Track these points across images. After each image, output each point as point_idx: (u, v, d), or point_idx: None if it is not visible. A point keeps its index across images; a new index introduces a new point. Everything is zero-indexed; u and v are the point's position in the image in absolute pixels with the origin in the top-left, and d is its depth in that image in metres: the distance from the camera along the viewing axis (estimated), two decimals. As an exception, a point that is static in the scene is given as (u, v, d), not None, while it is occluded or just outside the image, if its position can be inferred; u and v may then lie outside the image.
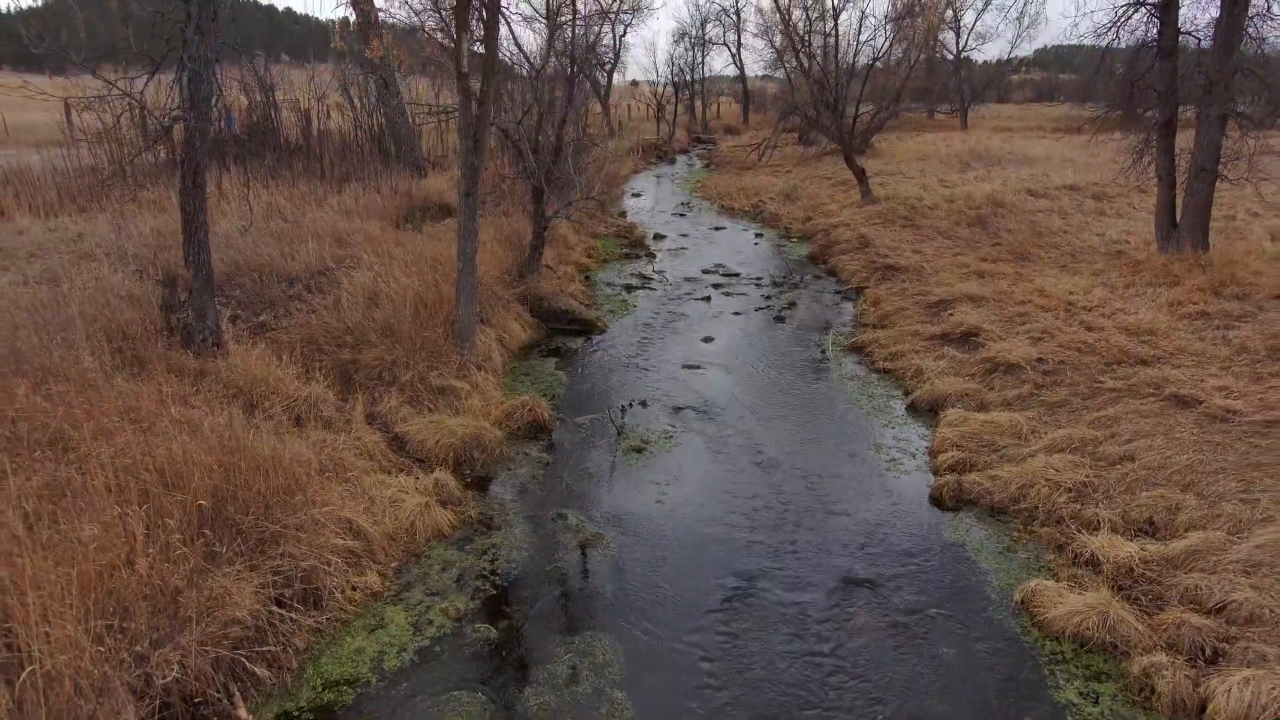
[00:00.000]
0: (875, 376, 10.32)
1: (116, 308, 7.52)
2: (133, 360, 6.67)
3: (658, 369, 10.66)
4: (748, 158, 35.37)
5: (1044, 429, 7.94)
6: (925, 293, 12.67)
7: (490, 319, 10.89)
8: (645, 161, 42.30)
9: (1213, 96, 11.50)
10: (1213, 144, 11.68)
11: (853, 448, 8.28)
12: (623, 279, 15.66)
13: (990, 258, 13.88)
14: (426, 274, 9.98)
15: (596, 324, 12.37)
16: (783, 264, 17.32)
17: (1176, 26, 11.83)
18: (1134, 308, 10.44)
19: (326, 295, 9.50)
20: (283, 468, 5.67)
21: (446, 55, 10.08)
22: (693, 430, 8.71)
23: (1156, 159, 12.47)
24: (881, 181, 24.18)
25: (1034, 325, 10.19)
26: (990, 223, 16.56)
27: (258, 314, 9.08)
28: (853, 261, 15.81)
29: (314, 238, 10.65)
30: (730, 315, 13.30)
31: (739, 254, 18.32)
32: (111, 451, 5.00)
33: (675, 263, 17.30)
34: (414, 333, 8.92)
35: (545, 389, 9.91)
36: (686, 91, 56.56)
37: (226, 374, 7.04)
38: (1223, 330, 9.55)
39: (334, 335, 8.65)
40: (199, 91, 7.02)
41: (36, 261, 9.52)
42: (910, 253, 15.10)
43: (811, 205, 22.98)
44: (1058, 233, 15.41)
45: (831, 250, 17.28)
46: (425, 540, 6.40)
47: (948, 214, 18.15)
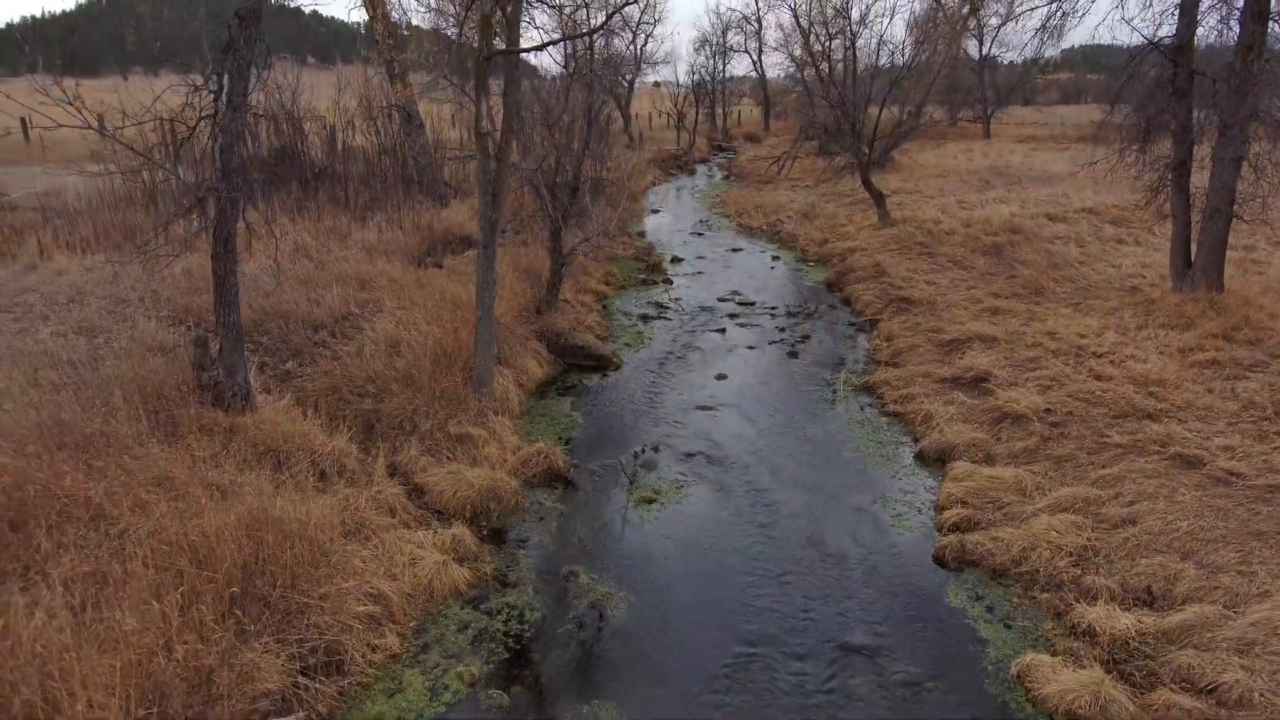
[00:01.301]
0: (885, 420, 10.48)
1: (150, 365, 7.87)
2: (167, 422, 7.00)
3: (671, 409, 10.88)
4: (767, 171, 35.51)
5: (1049, 485, 8.08)
6: (938, 329, 12.78)
7: (508, 359, 11.17)
8: (665, 173, 42.51)
9: (1227, 139, 11.52)
10: (1227, 186, 11.71)
11: (860, 501, 8.45)
12: (639, 308, 15.89)
13: (1004, 292, 13.96)
14: (446, 320, 10.27)
15: (612, 360, 12.61)
16: (798, 291, 17.47)
17: (1191, 69, 11.86)
18: (1144, 354, 10.50)
19: (350, 341, 9.83)
20: (308, 536, 5.96)
21: (466, 99, 10.38)
22: (703, 479, 8.92)
23: (1171, 198, 12.50)
24: (899, 202, 24.23)
25: (1044, 372, 10.29)
26: (1006, 252, 16.61)
27: (284, 361, 9.42)
28: (867, 291, 15.93)
29: (338, 282, 10.99)
30: (744, 349, 13.49)
31: (755, 279, 18.49)
32: (149, 527, 5.31)
33: (692, 289, 17.51)
34: (434, 381, 9.21)
35: (561, 431, 10.18)
36: (707, 100, 56.66)
37: (255, 432, 7.36)
38: (1232, 382, 9.61)
39: (357, 385, 8.96)
40: (230, 162, 7.35)
41: (75, 308, 9.93)
42: (924, 284, 15.20)
43: (829, 226, 23.08)
44: (1073, 264, 15.44)
45: (847, 278, 17.40)
46: (443, 598, 6.67)
47: (965, 240, 18.20)
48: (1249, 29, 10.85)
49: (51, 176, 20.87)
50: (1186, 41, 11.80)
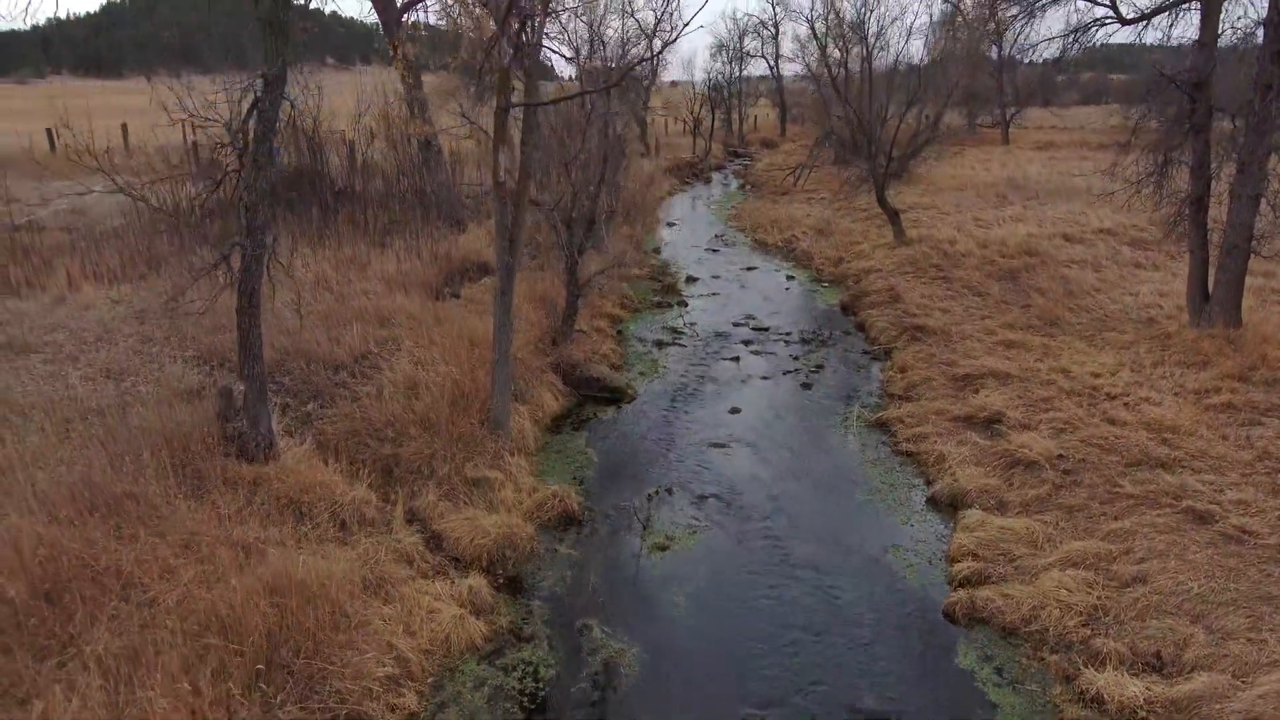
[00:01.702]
0: (897, 460, 10.54)
1: (177, 414, 8.07)
2: (193, 476, 7.20)
3: (685, 446, 10.99)
4: (783, 182, 35.53)
5: (1060, 537, 8.12)
6: (952, 362, 12.81)
7: (524, 394, 11.31)
8: (681, 181, 42.58)
9: (1245, 176, 11.48)
10: (1245, 223, 11.66)
11: (873, 549, 8.53)
12: (654, 333, 16.00)
13: (1019, 323, 13.95)
14: (464, 358, 10.43)
15: (627, 391, 12.73)
16: (812, 315, 17.52)
17: (1210, 105, 11.81)
18: (1159, 396, 10.50)
19: (369, 381, 10.01)
20: (329, 598, 6.12)
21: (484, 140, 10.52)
22: (716, 524, 9.03)
23: (1189, 232, 12.45)
24: (915, 219, 24.17)
25: (1057, 414, 10.31)
26: (1022, 278, 16.58)
27: (305, 403, 9.61)
28: (882, 317, 15.95)
29: (358, 318, 11.18)
30: (758, 379, 13.57)
31: (769, 301, 18.55)
32: (177, 595, 5.49)
33: (707, 311, 17.59)
34: (451, 423, 9.38)
35: (576, 469, 10.31)
36: (723, 106, 56.62)
37: (278, 484, 7.54)
38: (1247, 428, 9.59)
39: (376, 428, 9.13)
40: (255, 220, 7.53)
41: (103, 347, 10.17)
42: (939, 312, 15.21)
43: (844, 243, 23.08)
44: (1089, 292, 15.39)
45: (861, 302, 17.43)
46: (460, 653, 6.81)
47: (980, 263, 18.17)
48: (1268, 69, 10.79)
49: (77, 195, 21.24)
50: (1205, 77, 11.75)
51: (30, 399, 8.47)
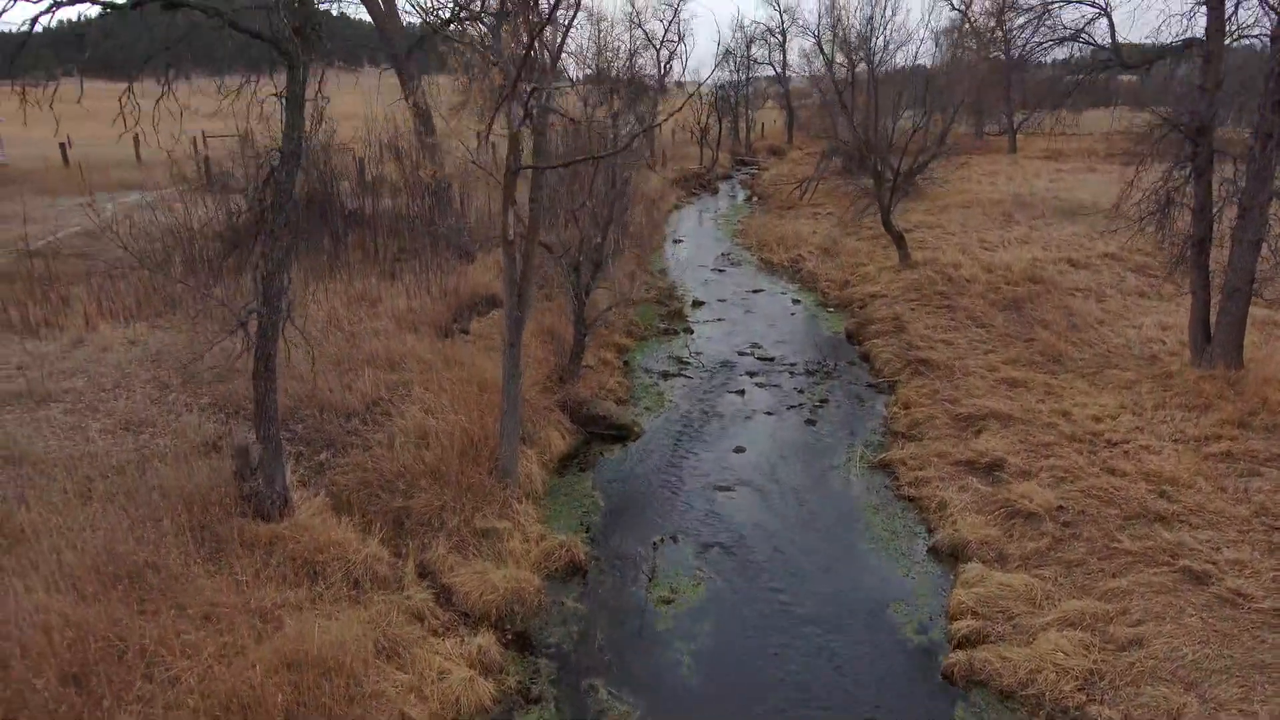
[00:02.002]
0: (900, 505, 10.68)
1: (194, 471, 8.29)
2: (211, 540, 7.41)
3: (690, 488, 11.17)
4: (789, 196, 35.59)
5: (1058, 594, 8.26)
6: (955, 400, 12.94)
7: (532, 435, 11.50)
8: (688, 193, 42.72)
9: (1247, 221, 11.58)
10: (1246, 267, 11.76)
11: (875, 604, 8.68)
12: (660, 363, 16.16)
13: (1022, 359, 14.06)
14: (473, 403, 10.63)
15: (633, 429, 12.90)
16: (817, 344, 17.66)
17: (1211, 149, 11.91)
18: (1159, 443, 10.61)
19: (381, 429, 10.22)
20: (344, 668, 6.32)
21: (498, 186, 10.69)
22: (721, 574, 9.20)
23: (1191, 274, 12.55)
24: (921, 239, 24.27)
25: (1057, 462, 10.44)
26: (1025, 309, 16.68)
27: (318, 452, 9.83)
28: (886, 348, 16.08)
29: (369, 363, 11.40)
30: (763, 414, 13.73)
31: (775, 328, 18.70)
32: (199, 672, 5.70)
33: (712, 339, 17.76)
34: (460, 473, 9.57)
35: (582, 514, 10.50)
36: (730, 115, 56.66)
37: (293, 544, 7.74)
38: (1246, 479, 9.71)
39: (387, 480, 9.33)
40: (272, 287, 7.73)
41: (121, 395, 10.41)
42: (943, 344, 15.33)
43: (850, 264, 23.22)
44: (1093, 325, 15.49)
45: (866, 330, 17.56)
46: (470, 716, 7.01)
47: (985, 289, 18.28)
48: (1269, 119, 10.89)
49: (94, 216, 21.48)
50: (1207, 123, 11.85)
51: (52, 454, 8.70)
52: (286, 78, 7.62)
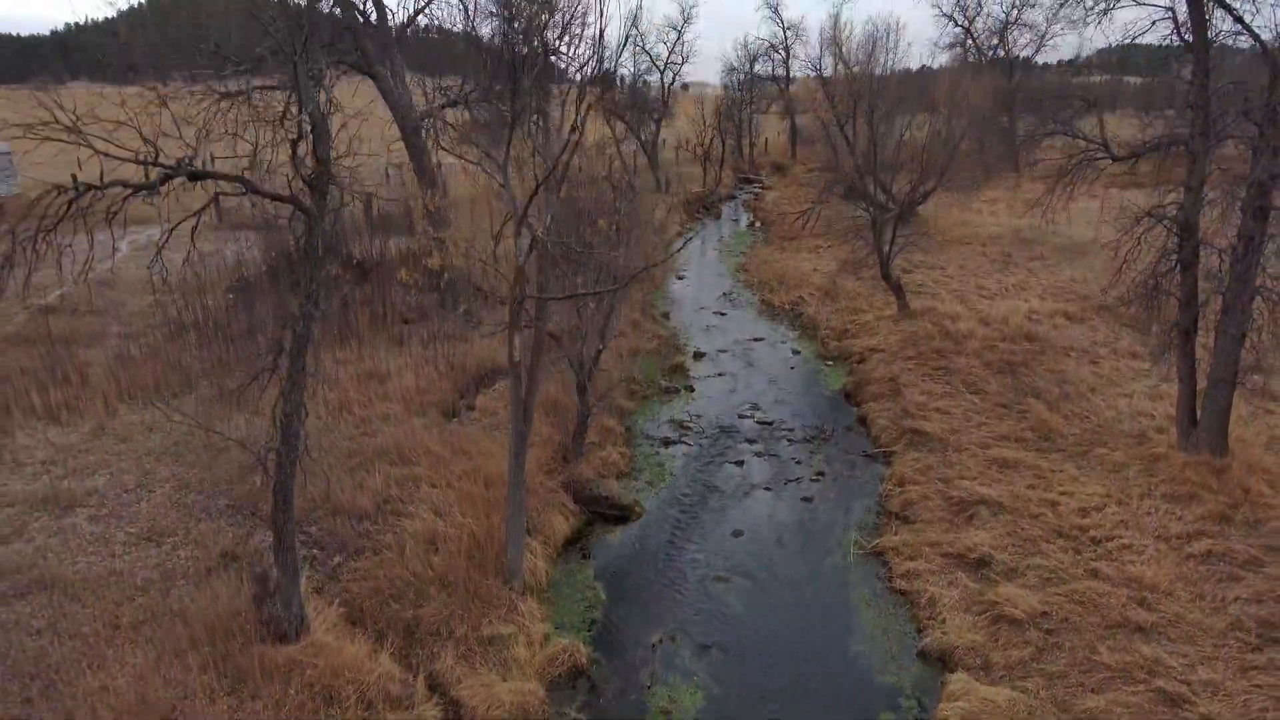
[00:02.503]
0: (891, 601, 11.06)
1: (215, 589, 8.72)
2: (233, 670, 7.84)
3: (689, 579, 11.56)
4: (792, 226, 35.94)
5: (1040, 709, 8.64)
6: (948, 480, 13.30)
7: (535, 524, 11.91)
8: (692, 217, 43.03)
9: (1230, 316, 11.93)
10: (1230, 360, 12.11)
11: (867, 711, 9.08)
12: (661, 428, 16.55)
13: (1014, 435, 14.42)
14: (479, 502, 11.05)
15: (634, 509, 13.29)
16: (816, 404, 18.03)
17: (1197, 243, 12.25)
18: (1142, 541, 10.97)
19: (391, 529, 10.65)
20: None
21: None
22: (716, 680, 9.59)
23: (1178, 362, 12.90)
24: (919, 282, 24.65)
25: (1043, 561, 10.81)
26: (1019, 372, 17.04)
27: (331, 556, 10.26)
28: (883, 414, 16.44)
29: (380, 455, 11.83)
30: (761, 490, 14.12)
31: (775, 384, 19.07)
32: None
33: (713, 399, 18.14)
34: (468, 578, 9.99)
35: (584, 609, 10.90)
36: (734, 133, 56.88)
37: (310, 669, 8.17)
38: (1225, 585, 10.07)
39: (398, 588, 9.76)
40: (290, 427, 8.15)
41: (144, 497, 10.85)
42: (937, 414, 15.69)
43: (849, 309, 23.59)
44: (1085, 394, 15.84)
45: (864, 391, 17.91)
46: (477, 845, 7.43)
47: (981, 347, 18.64)
48: (1249, 224, 11.23)
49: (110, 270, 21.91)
50: (1193, 218, 12.19)
51: (80, 573, 9.14)
52: (304, 229, 8.02)
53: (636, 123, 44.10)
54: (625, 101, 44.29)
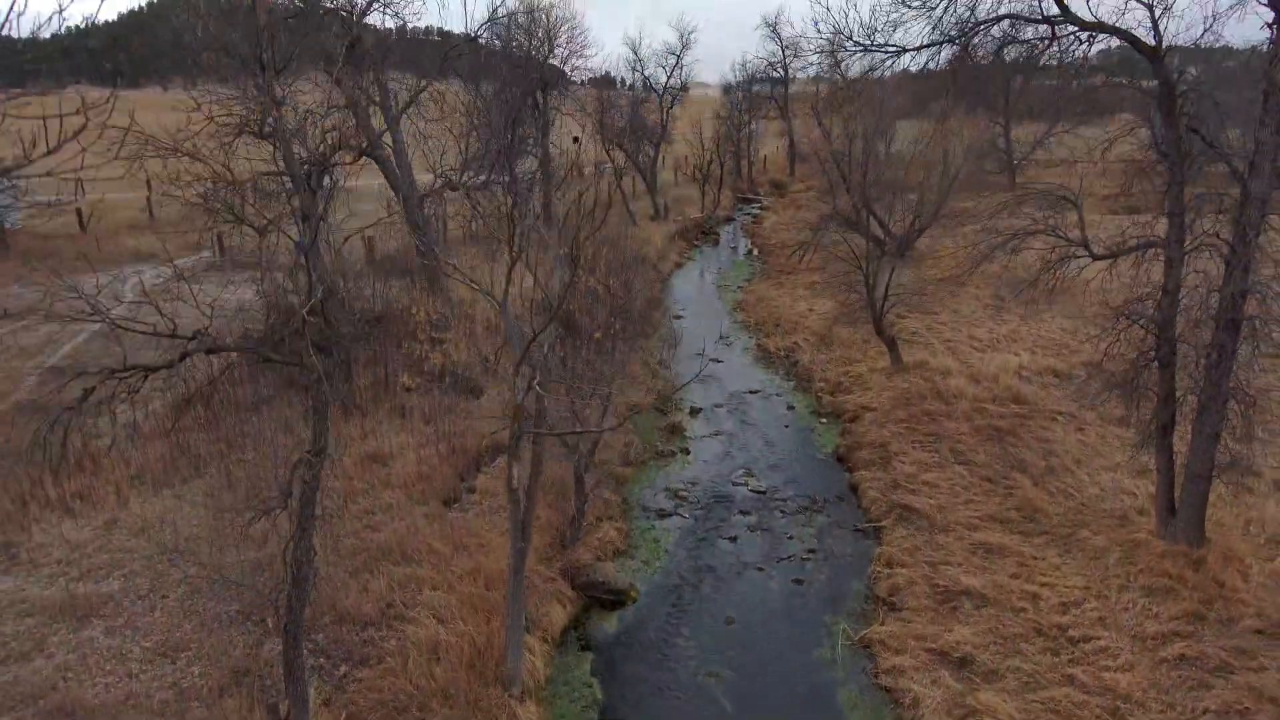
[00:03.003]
0: (878, 699, 11.49)
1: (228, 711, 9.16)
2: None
3: (681, 676, 11.97)
4: (789, 261, 36.36)
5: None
6: (934, 565, 13.72)
7: (534, 618, 12.33)
8: (690, 245, 43.44)
9: (1206, 416, 12.33)
10: (1206, 457, 12.50)
11: (845, 829, 9.52)
12: (658, 498, 16.97)
13: (999, 516, 14.82)
14: (480, 605, 11.48)
15: (630, 594, 13.71)
16: (809, 469, 18.44)
17: (1174, 344, 12.64)
18: (1119, 642, 11.39)
19: (395, 634, 11.08)
20: None
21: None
22: (707, 791, 10.05)
23: (1156, 456, 13.30)
24: (913, 330, 25.06)
25: (1022, 664, 11.22)
26: (1007, 441, 17.45)
27: (338, 665, 10.70)
28: (873, 484, 16.85)
29: (384, 554, 12.26)
30: (753, 571, 14.54)
31: (770, 444, 19.50)
32: None
33: (709, 462, 18.58)
34: (468, 689, 10.41)
35: (581, 709, 11.33)
36: (732, 154, 57.21)
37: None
38: (1196, 693, 10.49)
39: (402, 702, 10.19)
40: (301, 571, 8.57)
41: (157, 601, 11.29)
42: (926, 488, 16.10)
43: (843, 359, 24.03)
44: (1071, 467, 16.24)
45: (856, 455, 18.33)
46: None
47: (971, 408, 19.06)
48: (1219, 335, 11.63)
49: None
50: (1169, 319, 12.58)
51: (98, 695, 9.58)
52: (310, 392, 8.44)
53: (635, 151, 44.43)
54: (624, 126, 44.62)
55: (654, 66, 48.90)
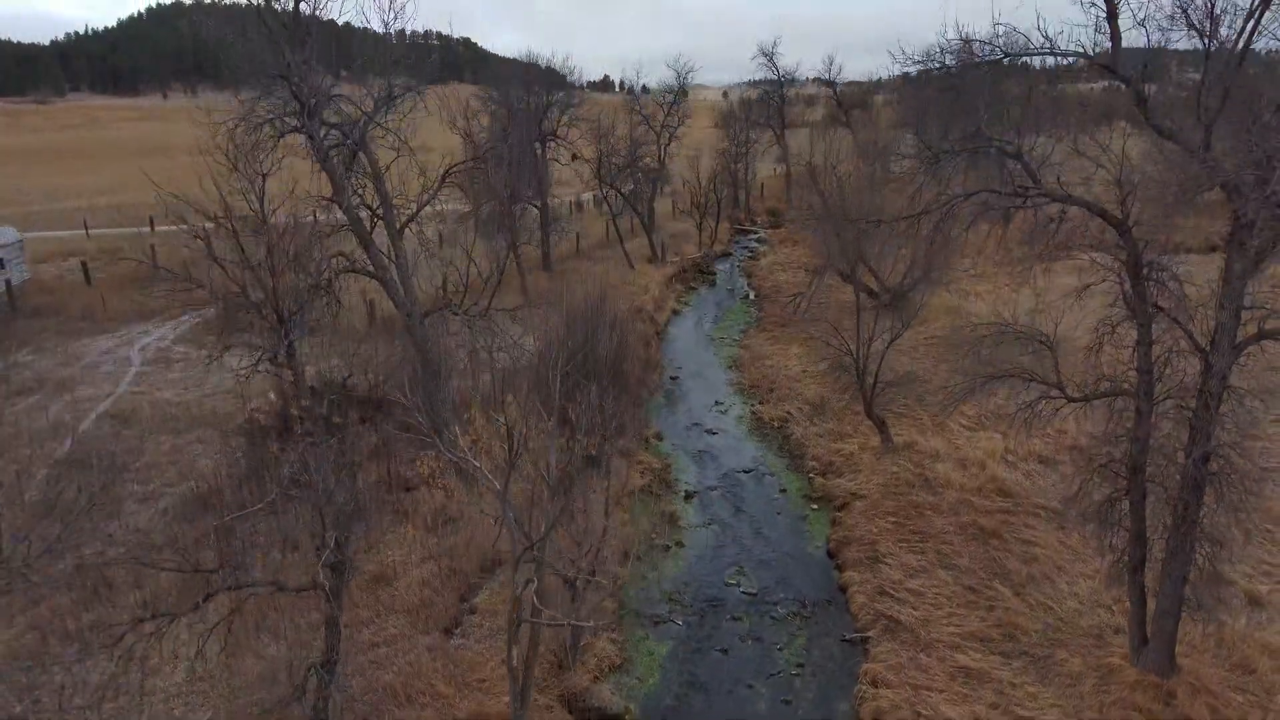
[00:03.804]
0: (859, 841, 12.09)
1: None
2: None
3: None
4: (784, 310, 36.92)
5: None
6: (918, 689, 14.27)
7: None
8: (687, 288, 43.94)
9: (1175, 560, 12.90)
10: (1175, 595, 13.08)
11: None
12: (653, 600, 17.53)
13: (980, 635, 15.38)
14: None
15: (626, 718, 14.32)
16: (801, 563, 19.01)
17: (1144, 486, 13.19)
18: (1089, 788, 11.98)
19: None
20: None
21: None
22: None
23: (1129, 590, 13.86)
24: (904, 402, 25.52)
25: (997, 812, 11.83)
26: (992, 544, 18.01)
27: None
28: (862, 588, 17.41)
29: (388, 696, 12.83)
30: (744, 689, 15.12)
31: (761, 536, 20.06)
32: None
33: (702, 558, 19.15)
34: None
35: None
36: (730, 184, 57.66)
37: None
38: None
39: None
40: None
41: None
42: (912, 597, 16.66)
43: (835, 433, 24.60)
44: (1051, 574, 16.81)
45: (845, 552, 18.88)
46: None
47: (958, 500, 19.63)
48: (1184, 496, 12.19)
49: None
50: (1139, 464, 13.12)
51: None
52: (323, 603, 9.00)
53: (635, 199, 44.91)
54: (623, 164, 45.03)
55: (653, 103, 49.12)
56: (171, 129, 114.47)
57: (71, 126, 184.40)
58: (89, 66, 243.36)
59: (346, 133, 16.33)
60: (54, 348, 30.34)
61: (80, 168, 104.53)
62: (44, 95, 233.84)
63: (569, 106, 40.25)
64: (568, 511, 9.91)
